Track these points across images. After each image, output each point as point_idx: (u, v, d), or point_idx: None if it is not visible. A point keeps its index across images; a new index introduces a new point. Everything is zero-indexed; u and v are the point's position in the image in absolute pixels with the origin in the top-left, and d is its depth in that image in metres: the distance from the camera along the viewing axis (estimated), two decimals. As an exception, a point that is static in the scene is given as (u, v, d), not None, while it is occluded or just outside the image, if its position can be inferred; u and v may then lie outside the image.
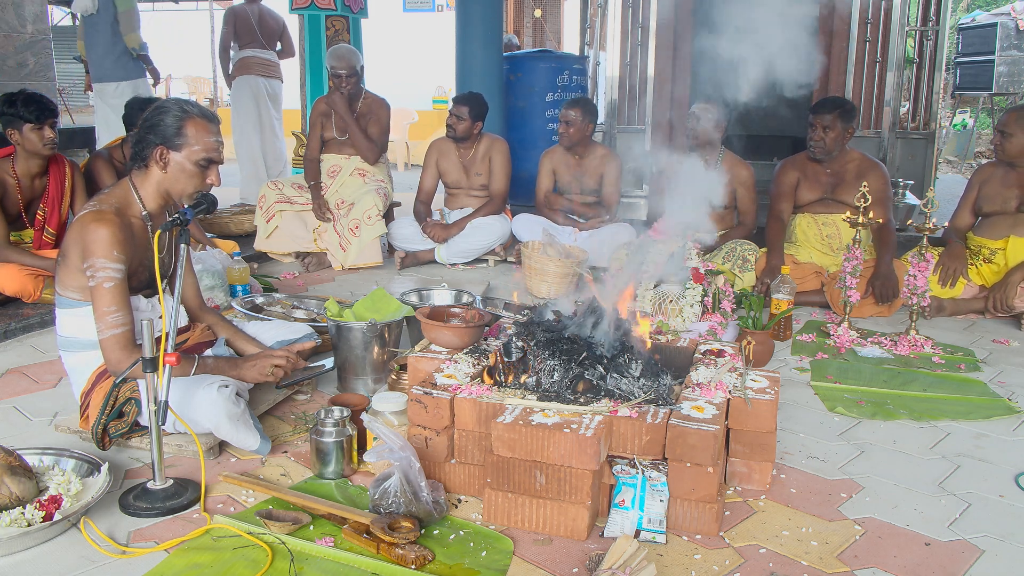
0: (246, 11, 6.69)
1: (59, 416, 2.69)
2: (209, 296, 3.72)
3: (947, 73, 9.13)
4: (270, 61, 6.81)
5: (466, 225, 5.09)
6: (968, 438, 2.65)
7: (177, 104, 2.37)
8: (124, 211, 2.35)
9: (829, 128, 4.11)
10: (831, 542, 2.00)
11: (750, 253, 4.22)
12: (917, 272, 3.55)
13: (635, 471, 2.03)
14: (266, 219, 5.12)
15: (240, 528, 1.98)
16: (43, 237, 3.91)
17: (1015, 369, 3.33)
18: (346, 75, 5.07)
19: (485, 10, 6.10)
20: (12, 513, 1.94)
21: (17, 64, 5.98)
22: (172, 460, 2.36)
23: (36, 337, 3.58)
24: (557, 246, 4.38)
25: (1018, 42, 8.49)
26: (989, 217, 4.08)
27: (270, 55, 6.81)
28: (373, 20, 7.11)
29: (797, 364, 3.35)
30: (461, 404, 2.16)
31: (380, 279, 4.68)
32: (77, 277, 2.33)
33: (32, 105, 3.66)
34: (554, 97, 6.58)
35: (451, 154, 5.22)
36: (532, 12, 11.61)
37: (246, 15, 6.68)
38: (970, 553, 1.97)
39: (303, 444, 2.52)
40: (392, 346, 2.94)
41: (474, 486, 2.19)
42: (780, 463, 2.42)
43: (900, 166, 5.88)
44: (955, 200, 4.39)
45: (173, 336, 2.07)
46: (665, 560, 1.92)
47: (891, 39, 5.67)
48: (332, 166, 5.27)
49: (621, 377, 2.26)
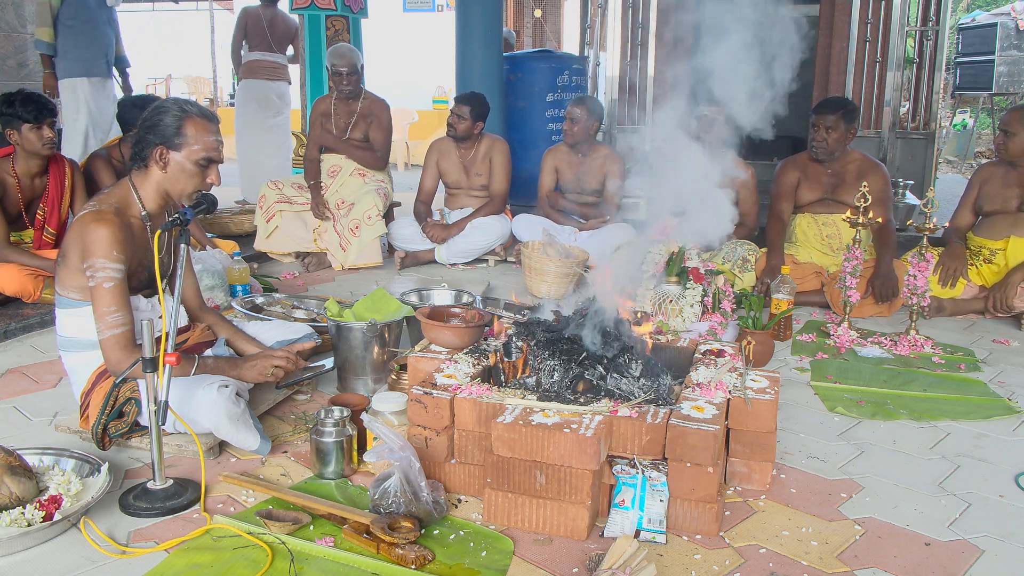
0: (258, 13, 6.63)
1: (59, 416, 2.69)
2: (209, 296, 3.72)
3: (947, 73, 9.13)
4: (277, 64, 6.73)
5: (466, 225, 5.09)
6: (968, 438, 2.65)
7: (176, 104, 2.37)
8: (124, 211, 2.35)
9: (832, 129, 4.11)
10: (831, 542, 2.00)
11: (750, 253, 4.22)
12: (917, 272, 3.55)
13: (635, 471, 2.03)
14: (266, 219, 5.12)
15: (240, 528, 1.98)
16: (43, 237, 3.91)
17: (1015, 369, 3.33)
18: (347, 73, 5.06)
19: (485, 10, 6.10)
20: (12, 513, 1.94)
21: (17, 64, 5.98)
22: (172, 460, 2.36)
23: (36, 337, 3.58)
24: (557, 246, 4.38)
25: (1018, 42, 8.49)
26: (989, 217, 4.08)
27: (278, 58, 6.73)
28: (373, 20, 7.11)
29: (797, 364, 3.35)
30: (461, 404, 2.16)
31: (380, 279, 4.68)
32: (77, 277, 2.33)
33: (30, 105, 3.66)
34: (554, 97, 6.58)
35: (451, 154, 5.22)
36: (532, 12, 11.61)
37: (258, 17, 6.61)
38: (970, 553, 1.97)
39: (303, 444, 2.52)
40: (392, 346, 2.94)
41: (474, 486, 2.19)
42: (780, 463, 2.42)
43: (900, 166, 5.88)
44: (955, 200, 4.39)
45: (173, 336, 2.07)
46: (665, 560, 1.92)
47: (891, 39, 5.67)
48: (332, 166, 5.27)
49: (621, 377, 2.26)
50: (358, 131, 5.23)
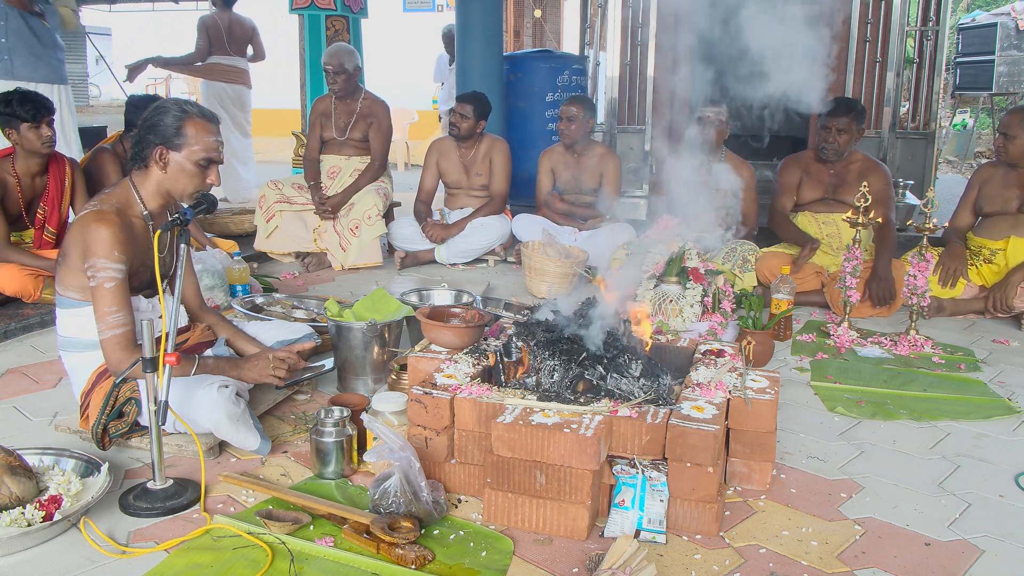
0: (216, 19, 6.91)
1: (59, 416, 2.69)
2: (209, 296, 3.72)
3: (947, 73, 9.12)
4: (235, 67, 7.00)
5: (466, 225, 5.09)
6: (968, 438, 2.65)
7: (177, 104, 2.37)
8: (125, 211, 2.35)
9: (844, 131, 4.12)
10: (831, 542, 2.00)
11: (750, 253, 4.22)
12: (917, 272, 3.55)
13: (635, 471, 2.03)
14: (266, 219, 5.12)
15: (240, 528, 1.98)
16: (43, 236, 3.91)
17: (1015, 369, 3.33)
18: (333, 72, 5.04)
19: (485, 10, 6.09)
20: (12, 513, 1.94)
21: (17, 64, 5.95)
22: (172, 460, 2.36)
23: (36, 337, 3.58)
24: (557, 246, 4.38)
25: (1018, 42, 8.49)
26: (989, 217, 4.08)
27: (236, 61, 7.01)
28: (373, 20, 7.11)
29: (797, 364, 3.35)
30: (461, 404, 2.16)
31: (380, 279, 4.68)
32: (77, 277, 2.33)
33: (28, 104, 3.66)
34: (554, 97, 6.58)
35: (452, 154, 5.22)
36: (532, 12, 11.61)
37: (216, 23, 6.89)
38: (970, 553, 1.97)
39: (303, 444, 2.52)
40: (392, 346, 2.94)
41: (474, 486, 2.19)
42: (780, 463, 2.42)
43: (900, 166, 5.87)
44: (955, 200, 4.39)
45: (173, 336, 2.07)
46: (665, 560, 1.92)
47: (891, 39, 5.66)
48: (332, 167, 5.27)
49: (621, 377, 2.26)
50: (358, 131, 5.23)
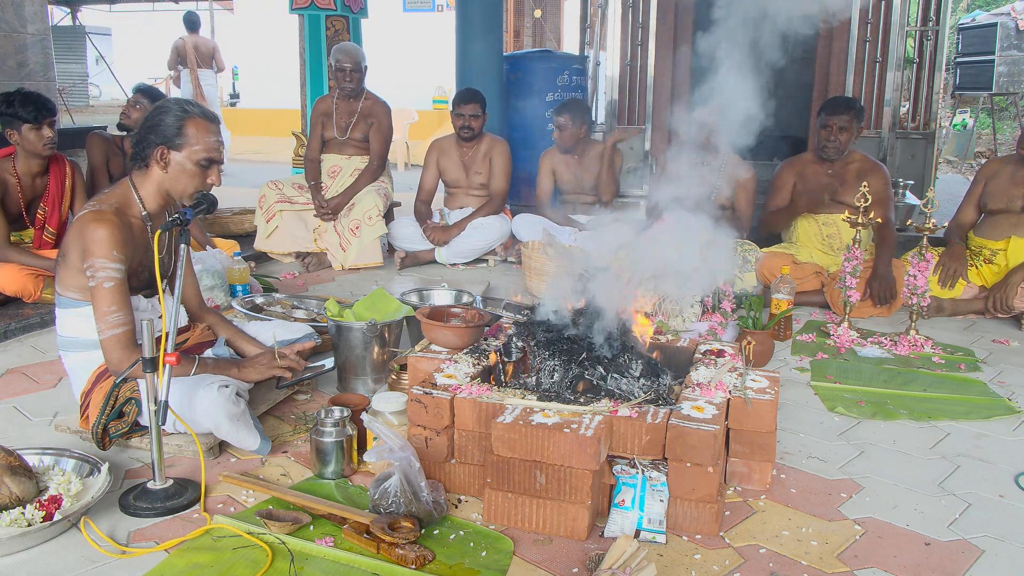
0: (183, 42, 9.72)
1: (59, 416, 2.69)
2: (209, 296, 3.72)
3: (947, 73, 9.12)
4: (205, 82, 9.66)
5: (466, 226, 5.09)
6: (968, 438, 2.65)
7: (178, 104, 2.37)
8: (124, 211, 2.35)
9: (844, 129, 4.12)
10: (831, 542, 2.00)
11: (750, 253, 4.22)
12: (917, 272, 3.55)
13: (635, 471, 2.03)
14: (266, 219, 5.12)
15: (240, 528, 1.98)
16: (43, 236, 3.91)
17: (1015, 369, 3.33)
18: (350, 69, 5.09)
19: (485, 10, 6.10)
20: (12, 513, 1.94)
21: (17, 64, 5.97)
22: (172, 460, 2.36)
23: (36, 337, 3.58)
24: (557, 246, 4.38)
25: (1018, 42, 8.49)
26: (992, 216, 4.07)
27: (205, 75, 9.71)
28: (373, 20, 7.11)
29: (797, 364, 3.35)
30: (461, 404, 2.16)
31: (380, 279, 4.68)
32: (77, 277, 2.33)
33: (30, 105, 3.65)
34: (554, 97, 6.58)
35: (452, 153, 5.23)
36: (532, 12, 11.60)
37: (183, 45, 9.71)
38: (970, 553, 1.97)
39: (303, 444, 2.52)
40: (392, 346, 2.94)
41: (474, 486, 2.19)
42: (780, 463, 2.42)
43: (900, 166, 5.87)
44: (955, 200, 4.39)
45: (173, 336, 2.07)
46: (665, 560, 1.92)
47: (891, 39, 5.66)
48: (332, 167, 5.27)
49: (621, 377, 2.26)
50: (358, 131, 5.23)
